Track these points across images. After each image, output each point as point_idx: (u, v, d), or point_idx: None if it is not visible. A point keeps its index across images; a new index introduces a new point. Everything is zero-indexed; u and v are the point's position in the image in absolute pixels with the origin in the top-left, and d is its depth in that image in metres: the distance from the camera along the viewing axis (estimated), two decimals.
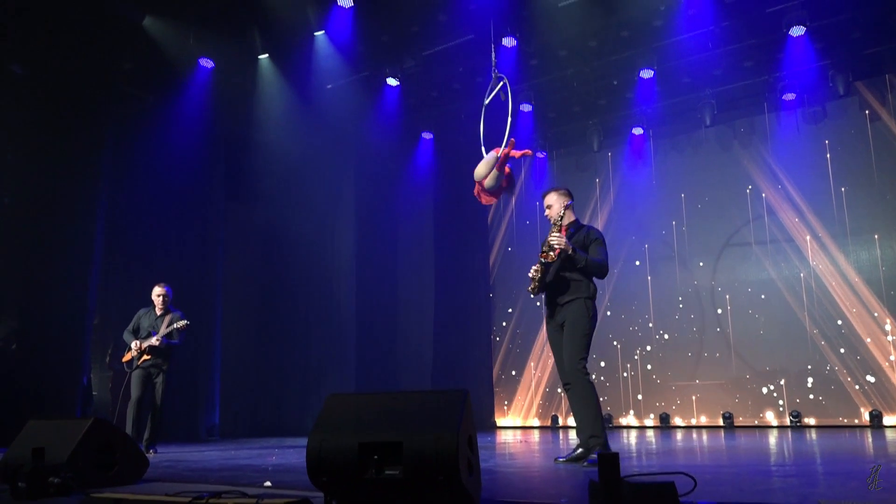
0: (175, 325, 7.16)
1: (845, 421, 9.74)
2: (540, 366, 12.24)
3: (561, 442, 8.03)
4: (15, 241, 8.70)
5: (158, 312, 7.35)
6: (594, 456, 4.59)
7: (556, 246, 4.81)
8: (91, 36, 8.81)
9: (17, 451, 3.90)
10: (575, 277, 4.89)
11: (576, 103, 11.46)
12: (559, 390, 11.75)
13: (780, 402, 10.22)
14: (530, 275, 5.00)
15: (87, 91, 9.23)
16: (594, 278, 4.95)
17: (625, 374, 11.45)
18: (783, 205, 10.64)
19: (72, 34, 8.67)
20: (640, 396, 11.29)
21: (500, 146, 6.08)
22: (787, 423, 10.04)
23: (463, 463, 2.65)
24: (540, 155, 12.45)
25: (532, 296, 5.17)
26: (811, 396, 10.03)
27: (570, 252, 4.81)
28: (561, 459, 4.86)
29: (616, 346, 11.58)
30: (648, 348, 11.36)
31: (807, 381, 10.09)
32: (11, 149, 8.91)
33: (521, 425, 12.28)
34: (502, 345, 12.69)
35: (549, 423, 11.97)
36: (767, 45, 9.68)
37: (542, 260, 4.91)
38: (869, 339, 9.72)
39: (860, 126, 10.18)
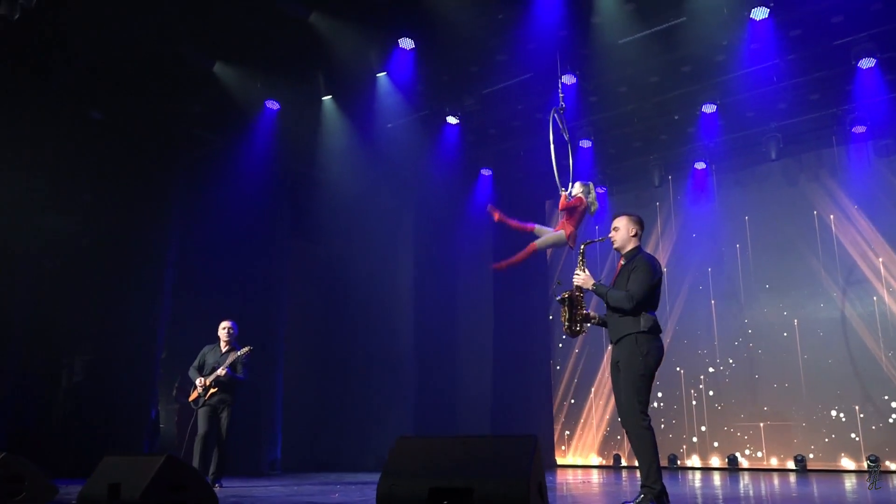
0: (239, 353, 7.29)
1: None
2: (601, 404, 12.02)
3: (624, 484, 7.83)
4: (90, 276, 9.06)
5: (224, 347, 7.51)
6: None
7: (576, 283, 4.81)
8: (164, 82, 9.21)
9: (95, 486, 4.02)
10: (620, 313, 4.69)
11: (636, 139, 11.38)
12: (614, 429, 11.52)
13: (856, 443, 9.76)
14: (562, 318, 4.94)
15: (160, 134, 9.64)
16: (649, 311, 4.66)
17: (690, 402, 11.14)
18: (854, 237, 10.30)
19: (146, 80, 9.08)
20: (703, 428, 10.95)
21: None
22: (865, 467, 9.58)
23: None
24: (600, 190, 12.38)
25: (571, 337, 5.01)
26: (888, 438, 9.57)
27: (589, 288, 4.76)
28: None
29: (679, 371, 11.31)
30: (712, 374, 11.05)
31: (883, 422, 9.63)
32: (89, 189, 9.34)
33: (582, 464, 12.03)
34: (562, 383, 12.52)
35: (611, 461, 11.70)
36: (835, 77, 9.46)
37: (557, 299, 4.84)
38: None
39: None
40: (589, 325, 4.99)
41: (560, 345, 12.69)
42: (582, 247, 5.05)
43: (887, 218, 10.08)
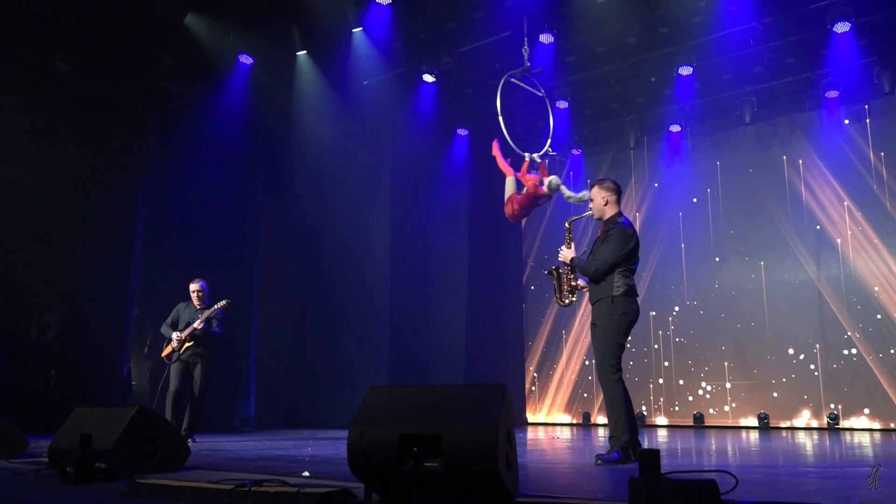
0: (217, 306, 7.26)
1: (881, 425, 9.54)
2: (572, 362, 12.20)
3: (594, 440, 8.00)
4: (59, 233, 8.92)
5: (197, 307, 7.47)
6: (607, 455, 4.62)
7: (560, 259, 5.12)
8: (133, 33, 8.98)
9: (65, 437, 4.01)
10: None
11: (613, 100, 11.38)
12: (585, 388, 11.72)
13: (815, 404, 10.04)
14: (554, 289, 5.27)
15: (130, 88, 9.41)
16: (624, 275, 4.82)
17: (658, 369, 11.36)
18: (824, 202, 10.45)
19: (114, 32, 8.84)
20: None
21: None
22: (825, 424, 9.87)
23: (502, 457, 2.66)
24: (575, 152, 12.40)
25: (562, 306, 5.28)
26: (850, 399, 9.85)
27: (568, 262, 5.08)
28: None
29: (643, 343, 11.51)
30: (679, 340, 11.27)
31: (844, 383, 9.91)
32: (57, 143, 9.13)
33: (552, 422, 12.25)
34: (535, 341, 12.67)
35: (580, 420, 11.92)
36: (810, 41, 9.50)
37: (546, 273, 5.21)
38: None
39: None
40: (574, 296, 5.22)
41: (532, 308, 12.81)
42: (567, 224, 5.27)
43: (855, 181, 10.23)
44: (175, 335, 7.26)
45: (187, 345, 7.24)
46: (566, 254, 5.08)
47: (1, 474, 4.01)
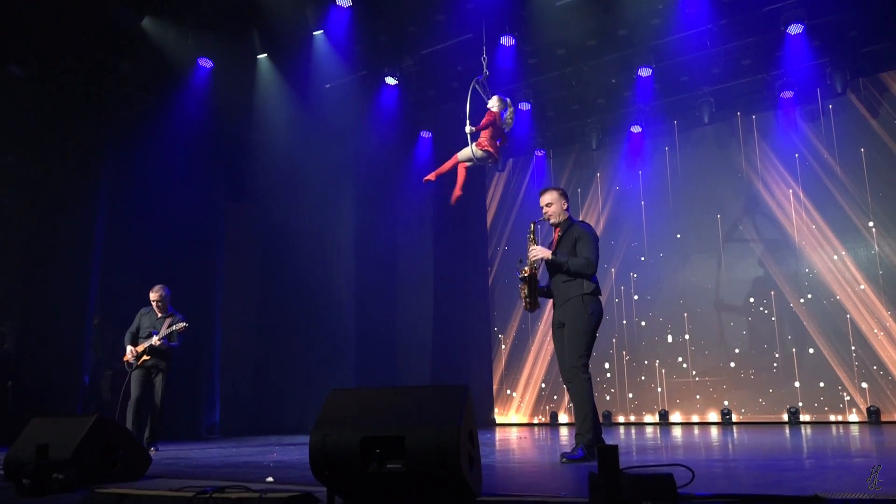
0: (174, 328, 7.18)
1: (840, 418, 9.77)
2: (539, 363, 12.28)
3: (561, 439, 8.06)
4: (15, 241, 8.73)
5: (158, 314, 7.37)
6: (572, 452, 4.67)
7: (532, 258, 4.99)
8: (90, 37, 8.83)
9: (21, 449, 3.92)
10: (568, 277, 4.94)
11: (574, 102, 11.49)
12: (553, 389, 11.81)
13: (774, 396, 10.25)
14: (521, 295, 5.10)
15: (87, 92, 9.25)
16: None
17: (618, 372, 11.49)
18: (781, 201, 10.67)
19: (70, 35, 8.69)
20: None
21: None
22: (785, 419, 10.07)
23: (464, 457, 2.68)
24: (539, 153, 12.49)
25: (530, 312, 5.20)
26: (808, 393, 10.07)
27: (549, 258, 4.94)
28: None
29: (613, 341, 11.63)
30: (643, 344, 11.42)
31: (801, 379, 10.13)
32: (12, 150, 8.95)
33: (520, 422, 12.31)
34: (502, 343, 12.73)
35: (548, 420, 12.00)
36: (765, 43, 9.72)
37: (519, 276, 5.02)
38: (879, 333, 9.69)
39: (858, 123, 10.23)
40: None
41: (498, 311, 12.87)
42: (532, 225, 5.22)
43: (810, 180, 10.47)
44: (129, 349, 7.16)
45: (145, 358, 7.15)
46: (542, 251, 4.96)
47: None
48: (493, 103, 7.30)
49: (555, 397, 12.01)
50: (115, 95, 9.61)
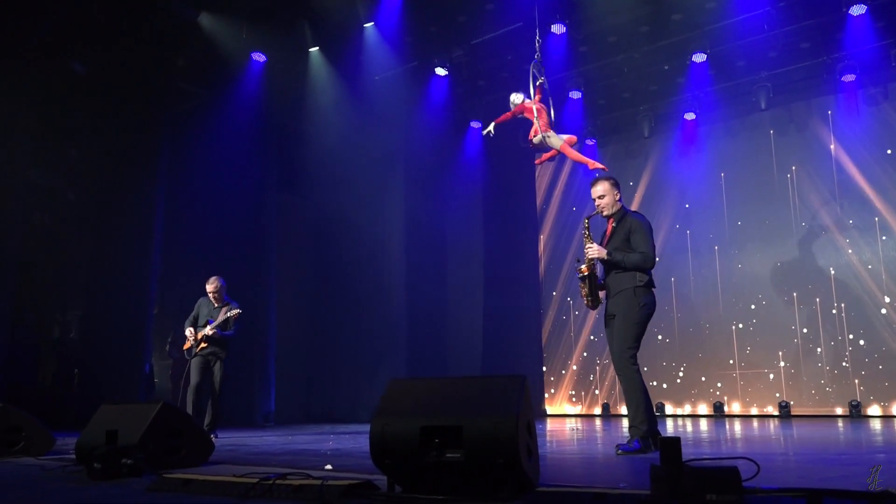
0: (228, 314, 7.33)
1: None
2: (590, 355, 12.18)
3: (613, 430, 8.00)
4: (79, 234, 9.04)
5: (215, 304, 7.54)
6: (628, 444, 4.62)
7: (591, 258, 4.92)
8: (147, 34, 9.05)
9: (91, 434, 4.07)
10: (621, 269, 4.88)
11: (626, 89, 11.32)
12: (602, 379, 11.71)
13: (835, 390, 9.97)
14: (582, 294, 5.05)
15: (145, 88, 9.50)
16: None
17: (674, 363, 11.32)
18: (843, 188, 10.34)
19: (129, 33, 8.92)
20: (691, 379, 11.15)
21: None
22: (848, 412, 9.80)
23: (522, 447, 2.68)
24: (589, 142, 12.35)
25: (593, 309, 5.14)
26: (870, 387, 9.77)
27: (606, 258, 4.86)
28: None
29: (662, 331, 11.46)
30: (691, 330, 11.23)
31: (866, 370, 9.83)
32: (74, 145, 9.25)
33: (571, 413, 12.25)
34: (553, 333, 12.66)
35: (600, 411, 11.91)
36: (826, 25, 9.39)
37: (579, 275, 4.98)
38: None
39: None
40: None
41: (550, 301, 12.80)
42: (586, 221, 5.11)
43: (875, 165, 10.11)
44: (189, 332, 7.34)
45: (203, 346, 7.32)
46: (599, 250, 4.90)
47: (30, 471, 4.07)
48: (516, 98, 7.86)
49: (606, 388, 11.91)
50: (171, 90, 9.85)
